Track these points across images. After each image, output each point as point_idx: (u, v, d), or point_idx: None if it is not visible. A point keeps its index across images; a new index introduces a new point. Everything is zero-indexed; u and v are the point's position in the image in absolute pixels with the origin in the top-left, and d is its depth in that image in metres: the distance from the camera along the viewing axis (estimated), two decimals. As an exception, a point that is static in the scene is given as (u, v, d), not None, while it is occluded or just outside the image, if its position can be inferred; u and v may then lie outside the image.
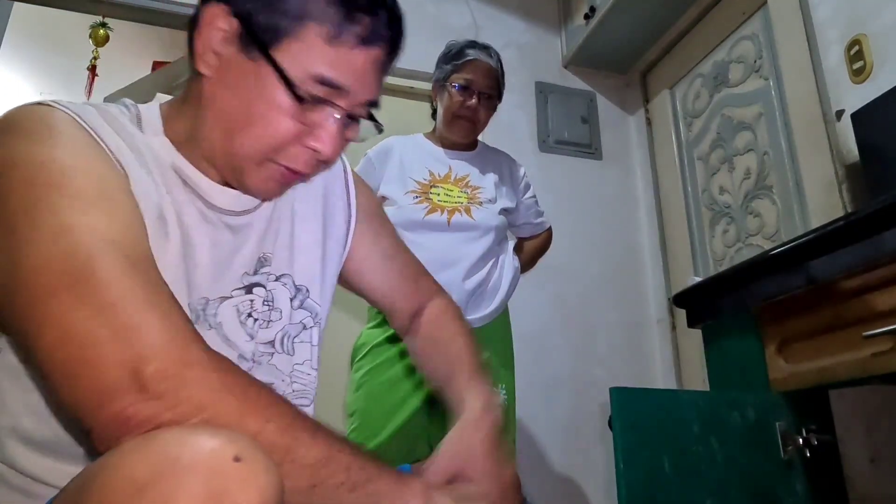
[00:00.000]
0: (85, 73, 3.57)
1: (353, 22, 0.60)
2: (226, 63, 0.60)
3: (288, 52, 0.58)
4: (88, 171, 0.52)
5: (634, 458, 1.03)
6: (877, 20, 1.66)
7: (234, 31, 0.60)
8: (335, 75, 0.60)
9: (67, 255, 0.46)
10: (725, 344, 1.31)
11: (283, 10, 0.58)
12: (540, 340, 2.41)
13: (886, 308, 0.99)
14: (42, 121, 0.54)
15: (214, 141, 0.62)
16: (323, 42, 0.59)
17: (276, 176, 0.63)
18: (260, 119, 0.59)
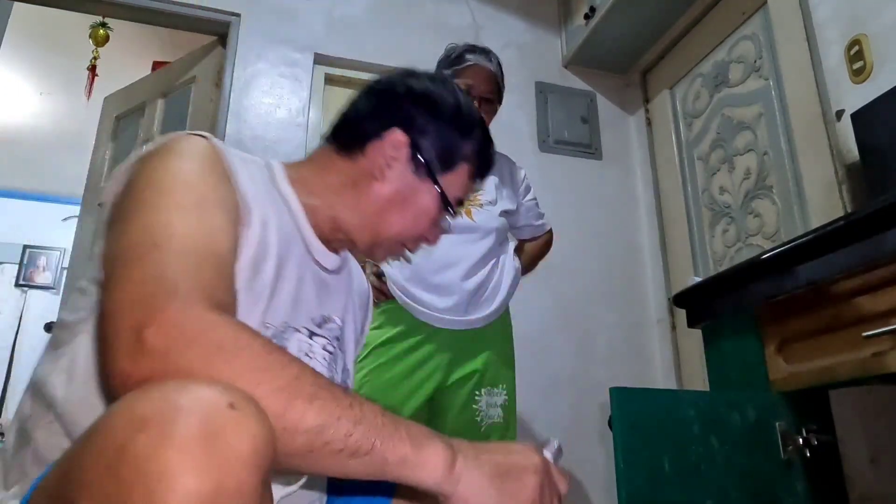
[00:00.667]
0: (85, 73, 3.57)
1: (486, 167, 0.88)
2: (394, 174, 0.80)
3: (446, 180, 0.82)
4: (196, 188, 0.63)
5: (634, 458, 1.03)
6: (877, 20, 1.66)
7: (407, 154, 0.80)
8: (464, 199, 0.87)
9: (142, 240, 0.56)
10: (725, 344, 1.31)
11: (453, 152, 0.83)
12: (540, 340, 2.41)
13: (886, 308, 0.99)
14: (190, 145, 0.68)
15: (366, 222, 0.81)
16: (467, 176, 0.85)
17: (397, 251, 0.86)
18: (413, 218, 0.82)
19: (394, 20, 2.68)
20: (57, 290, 5.03)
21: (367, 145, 0.80)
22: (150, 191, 0.61)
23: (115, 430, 0.40)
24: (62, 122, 4.43)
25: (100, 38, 3.40)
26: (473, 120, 0.85)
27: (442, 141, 0.82)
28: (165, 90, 2.70)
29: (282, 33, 2.52)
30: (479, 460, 0.55)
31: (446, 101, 0.83)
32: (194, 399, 0.40)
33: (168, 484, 0.36)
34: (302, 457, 0.49)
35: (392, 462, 0.51)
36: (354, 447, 0.49)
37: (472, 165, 0.84)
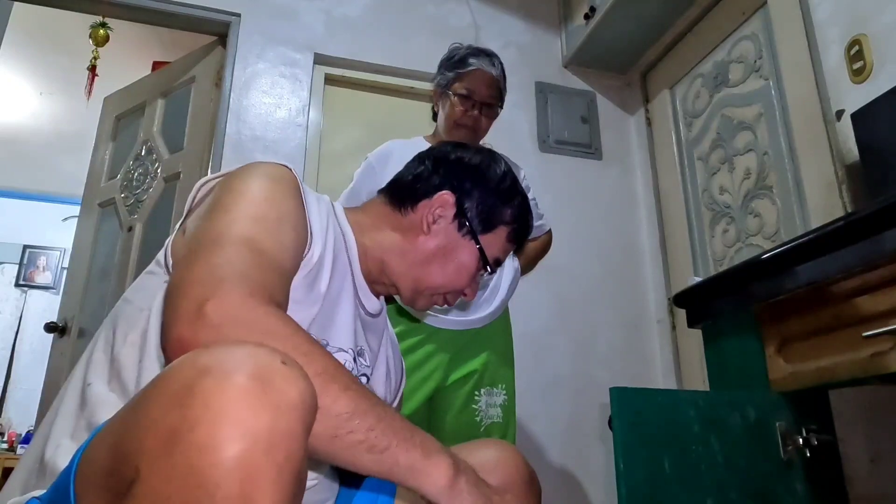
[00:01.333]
0: (85, 73, 3.57)
1: (521, 234, 0.96)
2: (440, 229, 0.89)
3: (486, 239, 0.90)
4: (276, 205, 0.71)
5: (634, 458, 1.03)
6: (877, 20, 1.66)
7: (452, 213, 0.89)
8: (502, 258, 0.94)
9: (222, 233, 0.64)
10: (725, 344, 1.31)
11: (493, 215, 0.91)
12: (540, 340, 2.41)
13: (886, 308, 0.99)
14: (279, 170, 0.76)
15: (409, 271, 0.88)
16: (505, 238, 0.93)
17: (436, 302, 0.93)
18: (454, 272, 0.89)
19: (394, 20, 2.68)
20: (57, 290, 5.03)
21: (419, 202, 0.90)
22: (240, 198, 0.69)
23: (180, 375, 0.44)
24: (62, 122, 4.43)
25: (100, 38, 3.40)
26: (516, 191, 0.94)
27: (485, 205, 0.91)
28: (165, 90, 2.70)
29: (282, 33, 2.52)
30: (479, 486, 0.60)
31: (493, 172, 0.93)
32: (251, 352, 0.45)
33: (231, 419, 0.41)
34: (325, 441, 0.53)
35: (402, 465, 0.55)
36: (373, 442, 0.54)
37: (510, 229, 0.93)
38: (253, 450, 0.41)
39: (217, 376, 0.43)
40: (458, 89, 1.57)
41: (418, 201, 0.90)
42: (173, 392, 0.43)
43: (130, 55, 3.58)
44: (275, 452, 0.42)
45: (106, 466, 0.47)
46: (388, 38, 2.64)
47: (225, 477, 0.40)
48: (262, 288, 0.59)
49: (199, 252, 0.61)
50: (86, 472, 0.50)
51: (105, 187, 2.71)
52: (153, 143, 2.61)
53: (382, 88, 2.62)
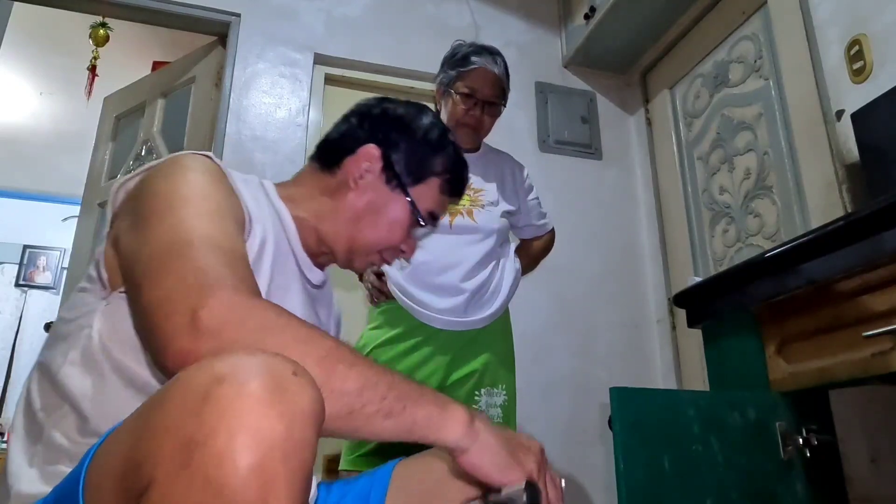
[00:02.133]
0: (85, 73, 3.57)
1: (457, 182, 0.93)
2: (368, 185, 0.87)
3: (417, 192, 0.88)
4: (211, 198, 0.69)
5: (634, 458, 1.03)
6: (877, 20, 1.66)
7: (379, 167, 0.87)
8: (438, 212, 0.92)
9: (174, 239, 0.61)
10: (725, 344, 1.31)
11: (422, 166, 0.89)
12: (540, 340, 2.41)
13: (886, 308, 0.99)
14: (199, 161, 0.74)
15: (342, 230, 0.87)
16: (439, 190, 0.90)
17: (374, 261, 0.91)
18: (387, 227, 0.87)
19: (394, 20, 2.68)
20: (57, 290, 5.03)
21: (345, 160, 0.88)
22: (170, 198, 0.67)
23: (194, 383, 0.45)
24: (62, 122, 4.43)
25: (100, 38, 3.40)
26: (445, 140, 0.92)
27: (413, 156, 0.88)
28: (165, 90, 2.70)
29: (282, 33, 2.52)
30: (493, 428, 0.61)
31: (419, 122, 0.91)
32: (264, 363, 0.46)
33: (247, 428, 0.42)
34: (344, 418, 0.54)
35: (420, 421, 0.58)
36: (388, 409, 0.56)
37: (442, 180, 0.90)
38: (270, 458, 0.41)
39: (232, 385, 0.43)
40: (460, 88, 1.56)
41: (344, 158, 0.88)
42: (188, 401, 0.44)
43: (130, 55, 3.58)
44: (290, 460, 0.43)
45: (118, 473, 0.47)
46: (388, 38, 2.64)
47: (243, 486, 0.40)
48: (242, 282, 0.59)
49: (163, 264, 0.59)
50: (96, 477, 0.50)
51: (105, 187, 2.71)
52: (153, 143, 2.61)
53: (382, 88, 2.62)
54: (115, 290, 0.69)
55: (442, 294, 1.48)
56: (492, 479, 0.59)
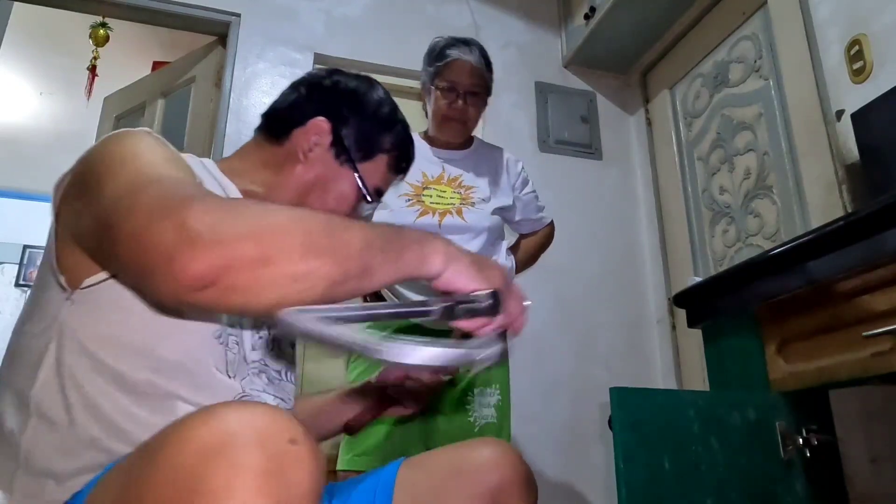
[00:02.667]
0: (85, 73, 3.57)
1: (404, 160, 0.93)
2: (317, 158, 0.86)
3: (365, 168, 0.87)
4: (163, 152, 0.68)
5: (634, 458, 1.03)
6: (877, 20, 1.66)
7: (329, 141, 0.86)
8: (384, 188, 0.92)
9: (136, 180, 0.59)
10: (725, 344, 1.31)
11: (372, 142, 0.88)
12: (540, 340, 2.41)
13: (886, 308, 0.98)
14: (140, 132, 0.71)
15: (288, 200, 0.84)
16: (386, 168, 0.90)
17: None
18: (333, 202, 0.86)
19: (394, 20, 2.68)
20: (57, 290, 5.03)
21: (293, 131, 0.86)
22: (120, 157, 0.64)
23: (184, 457, 0.43)
24: (62, 122, 4.43)
25: (100, 38, 3.40)
26: (395, 117, 0.92)
27: (363, 132, 0.88)
28: (165, 90, 2.70)
29: (282, 33, 2.52)
30: (464, 251, 0.64)
31: (369, 98, 0.90)
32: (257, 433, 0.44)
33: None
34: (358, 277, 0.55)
35: (410, 262, 0.59)
36: (388, 259, 0.58)
37: (391, 157, 0.90)
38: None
39: (227, 465, 0.42)
40: (439, 83, 1.55)
41: (292, 130, 0.87)
42: (181, 480, 0.42)
43: (130, 55, 3.58)
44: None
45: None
46: (388, 38, 2.64)
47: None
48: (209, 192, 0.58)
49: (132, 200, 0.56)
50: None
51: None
52: (153, 143, 2.61)
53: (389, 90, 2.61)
54: (78, 288, 0.66)
55: (431, 295, 1.47)
56: (464, 289, 0.62)
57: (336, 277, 0.53)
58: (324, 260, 0.52)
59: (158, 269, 0.51)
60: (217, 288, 0.50)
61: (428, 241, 0.62)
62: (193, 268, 0.49)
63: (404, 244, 0.59)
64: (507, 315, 0.64)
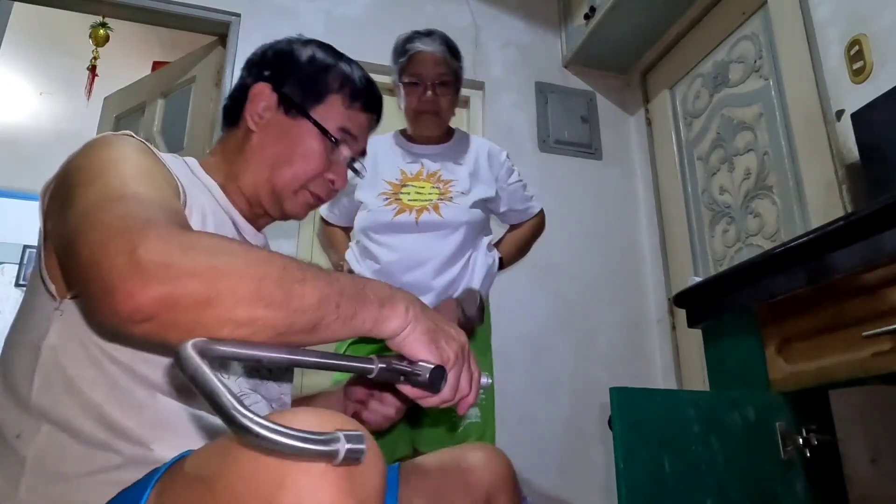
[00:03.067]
0: (85, 73, 3.57)
1: (360, 95, 0.90)
2: (269, 122, 0.85)
3: (318, 113, 0.86)
4: (138, 165, 0.67)
5: (634, 458, 1.03)
6: (877, 20, 1.66)
7: (274, 101, 0.86)
8: (351, 127, 0.88)
9: (102, 196, 0.59)
10: (725, 344, 1.31)
11: (315, 87, 0.87)
12: (540, 340, 2.41)
13: (886, 308, 0.99)
14: (121, 139, 0.71)
15: (262, 176, 0.85)
16: (342, 106, 0.88)
17: (308, 200, 0.88)
18: (300, 158, 0.85)
19: (394, 20, 2.68)
20: (57, 290, 5.03)
21: (243, 109, 0.87)
22: (96, 167, 0.64)
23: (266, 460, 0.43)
24: (62, 122, 4.43)
25: (100, 38, 3.40)
26: (335, 57, 0.91)
27: (304, 80, 0.87)
28: (165, 90, 2.70)
29: (282, 33, 2.48)
30: (424, 315, 0.62)
31: (302, 49, 0.89)
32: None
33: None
34: (309, 332, 0.54)
35: (367, 322, 0.58)
36: (343, 316, 0.56)
37: (343, 95, 0.88)
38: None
39: (306, 470, 0.43)
40: (405, 78, 1.54)
41: (242, 108, 0.87)
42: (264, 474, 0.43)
43: (130, 55, 3.58)
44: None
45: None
46: (388, 38, 2.62)
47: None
48: (175, 221, 0.56)
49: (93, 219, 0.55)
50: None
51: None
52: (153, 143, 2.61)
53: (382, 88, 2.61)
54: (66, 298, 0.67)
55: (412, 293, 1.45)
56: (412, 356, 0.61)
57: (281, 329, 0.52)
58: (271, 310, 0.51)
59: (103, 294, 0.50)
60: (156, 322, 0.49)
61: (390, 301, 0.60)
62: (135, 299, 0.48)
63: (363, 302, 0.57)
64: (451, 392, 0.62)
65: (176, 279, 0.49)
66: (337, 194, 0.95)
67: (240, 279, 0.51)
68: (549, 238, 2.56)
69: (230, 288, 0.50)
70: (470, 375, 0.65)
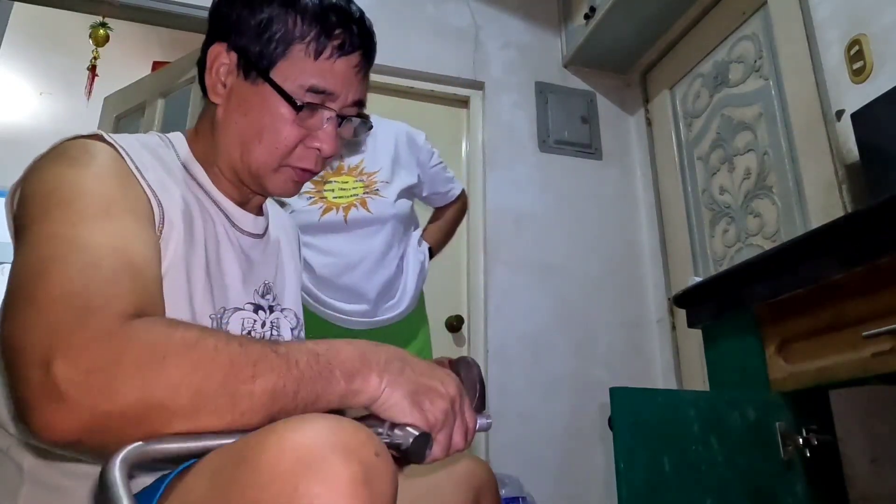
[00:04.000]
0: (85, 73, 3.57)
1: (331, 37, 0.72)
2: (232, 91, 0.73)
3: (281, 71, 0.71)
4: (100, 194, 0.59)
5: (634, 458, 1.03)
6: (877, 20, 1.66)
7: (234, 63, 0.73)
8: (323, 83, 0.72)
9: (42, 256, 0.52)
10: (725, 344, 1.31)
11: (271, 38, 0.71)
12: (540, 340, 2.41)
13: (886, 308, 0.99)
14: (86, 150, 0.63)
15: (233, 156, 0.74)
16: (308, 58, 0.71)
17: (293, 177, 0.76)
18: (268, 131, 0.72)
19: (394, 20, 2.68)
20: (57, 290, 5.03)
21: (204, 78, 0.75)
22: (48, 202, 0.57)
23: (282, 464, 0.42)
24: (62, 122, 4.43)
25: (100, 38, 3.40)
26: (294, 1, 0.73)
27: (259, 34, 0.71)
28: (165, 90, 2.70)
29: (282, 33, 2.51)
30: (403, 376, 0.57)
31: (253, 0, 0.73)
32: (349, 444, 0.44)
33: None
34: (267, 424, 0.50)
35: (334, 402, 0.54)
36: (304, 402, 0.51)
37: (307, 42, 0.71)
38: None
39: (325, 472, 0.42)
40: None
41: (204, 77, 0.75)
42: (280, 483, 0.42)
43: (130, 55, 3.58)
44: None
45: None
46: (388, 38, 2.62)
47: None
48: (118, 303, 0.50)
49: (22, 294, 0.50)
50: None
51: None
52: (153, 143, 2.61)
53: (382, 88, 2.62)
54: None
55: (349, 297, 1.44)
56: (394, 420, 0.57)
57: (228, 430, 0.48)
58: (215, 418, 0.47)
59: (21, 405, 0.45)
60: (83, 445, 0.46)
61: (360, 373, 0.55)
62: (53, 428, 0.44)
63: (327, 382, 0.53)
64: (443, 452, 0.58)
65: (97, 402, 0.44)
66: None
67: (174, 391, 0.46)
68: (549, 238, 2.57)
69: (163, 402, 0.46)
70: (464, 428, 0.60)
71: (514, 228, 2.52)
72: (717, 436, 1.08)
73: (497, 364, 2.33)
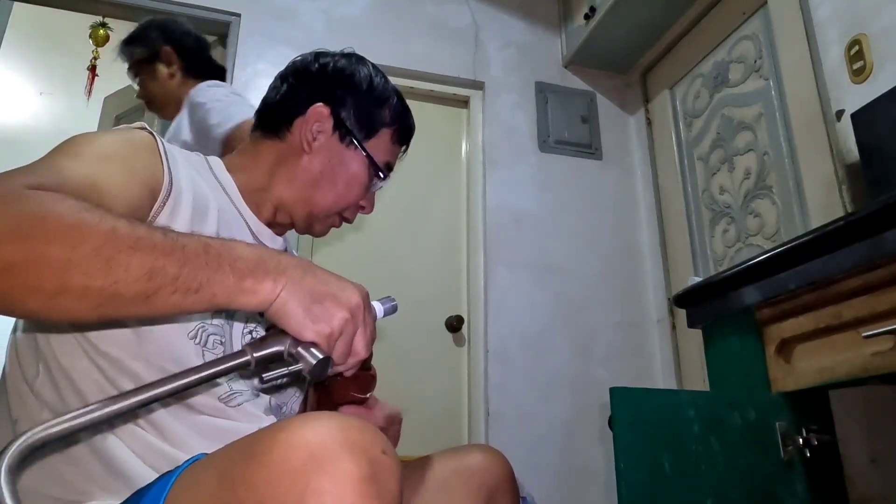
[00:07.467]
0: (85, 73, 3.58)
1: (402, 132, 0.91)
2: (322, 144, 0.84)
3: (372, 146, 0.86)
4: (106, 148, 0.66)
5: (634, 458, 1.03)
6: (877, 20, 1.66)
7: (330, 125, 0.85)
8: (392, 161, 0.91)
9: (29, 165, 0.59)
10: (725, 344, 1.31)
11: (373, 119, 0.87)
12: (540, 340, 2.41)
13: (886, 308, 0.99)
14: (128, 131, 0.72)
15: (299, 196, 0.84)
16: (390, 140, 0.89)
17: (334, 223, 0.90)
18: (346, 186, 0.85)
19: (394, 20, 2.68)
20: (57, 290, 5.03)
21: (293, 123, 0.85)
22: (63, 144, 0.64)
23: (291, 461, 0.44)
24: (62, 122, 4.42)
25: (100, 38, 3.41)
26: (388, 89, 0.90)
27: (362, 110, 0.86)
28: (165, 90, 2.69)
29: (282, 33, 2.51)
30: (301, 284, 0.57)
31: (360, 74, 0.88)
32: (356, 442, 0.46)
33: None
34: (142, 303, 0.51)
35: (219, 295, 0.54)
36: (184, 287, 0.51)
37: (393, 129, 0.89)
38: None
39: (334, 470, 0.43)
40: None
41: (293, 121, 0.85)
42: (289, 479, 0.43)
43: (130, 55, 3.57)
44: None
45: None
46: (388, 38, 2.64)
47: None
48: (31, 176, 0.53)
49: None
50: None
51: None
52: (153, 143, 2.61)
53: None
54: None
55: None
56: (293, 333, 0.57)
57: (100, 300, 0.49)
58: (86, 279, 0.48)
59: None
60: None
61: (254, 273, 0.55)
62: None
63: (214, 272, 0.53)
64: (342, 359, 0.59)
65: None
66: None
67: (48, 244, 0.47)
68: (549, 238, 2.57)
69: (37, 254, 0.47)
70: (366, 338, 0.60)
71: (514, 228, 2.52)
72: (717, 436, 1.08)
73: (497, 364, 2.33)
